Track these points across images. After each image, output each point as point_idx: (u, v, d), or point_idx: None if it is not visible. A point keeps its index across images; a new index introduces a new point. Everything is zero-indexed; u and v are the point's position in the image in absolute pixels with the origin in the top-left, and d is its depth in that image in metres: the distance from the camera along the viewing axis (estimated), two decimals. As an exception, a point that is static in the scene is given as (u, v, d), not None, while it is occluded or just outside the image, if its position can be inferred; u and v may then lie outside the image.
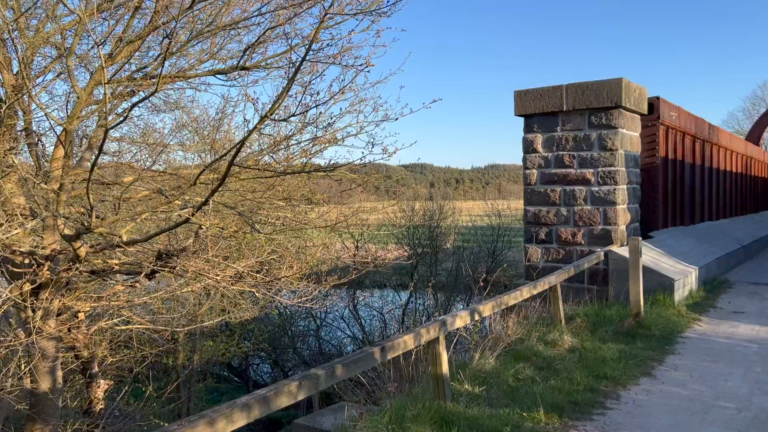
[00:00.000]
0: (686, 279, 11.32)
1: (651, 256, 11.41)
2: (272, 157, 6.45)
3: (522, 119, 12.48)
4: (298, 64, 4.13)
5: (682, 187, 15.68)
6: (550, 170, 12.08)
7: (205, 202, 4.87)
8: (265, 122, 4.97)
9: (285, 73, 6.51)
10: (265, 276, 7.64)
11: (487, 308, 7.23)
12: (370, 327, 20.13)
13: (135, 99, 7.16)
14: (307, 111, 4.97)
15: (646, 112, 12.64)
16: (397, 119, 6.57)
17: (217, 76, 7.53)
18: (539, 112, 12.07)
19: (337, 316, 20.84)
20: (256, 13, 6.17)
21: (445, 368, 6.00)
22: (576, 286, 11.35)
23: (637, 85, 11.97)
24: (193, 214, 4.99)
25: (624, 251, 10.46)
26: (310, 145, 6.20)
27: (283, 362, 19.60)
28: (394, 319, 19.90)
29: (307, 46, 4.47)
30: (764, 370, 7.30)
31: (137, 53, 7.60)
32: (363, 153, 6.10)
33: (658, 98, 12.99)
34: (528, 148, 12.35)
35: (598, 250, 11.13)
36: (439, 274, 22.43)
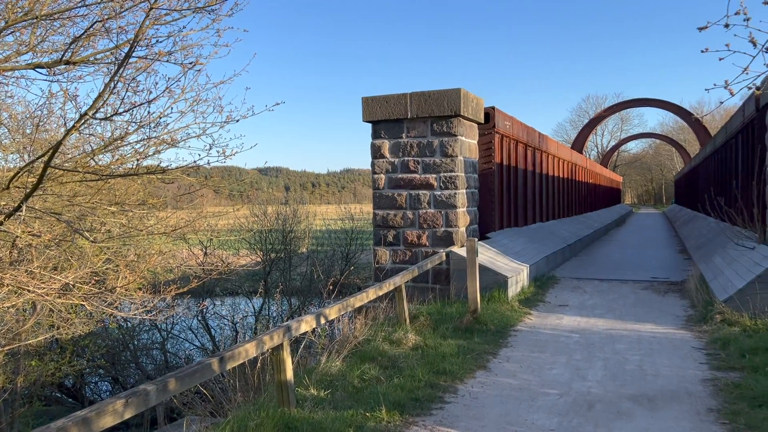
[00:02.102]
0: (519, 276, 12.23)
1: (487, 255, 12.19)
2: (95, 159, 6.00)
3: (370, 125, 12.78)
4: (122, 60, 3.87)
5: (516, 191, 16.97)
6: (397, 175, 12.48)
7: (18, 208, 4.41)
8: (89, 121, 4.61)
9: (110, 69, 6.09)
10: (97, 287, 7.08)
11: (333, 311, 7.29)
12: (221, 336, 19.44)
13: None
14: (132, 109, 4.68)
15: (483, 121, 13.51)
16: (238, 120, 6.43)
17: (38, 70, 6.85)
18: (386, 118, 12.42)
19: (184, 327, 19.90)
20: (80, 4, 5.71)
21: (289, 374, 5.94)
22: (421, 285, 11.82)
23: (474, 95, 12.75)
24: (1, 223, 4.48)
25: (463, 251, 11.06)
26: (144, 146, 5.85)
27: (124, 378, 18.31)
28: (247, 327, 19.41)
29: (131, 42, 4.21)
30: (583, 357, 8.06)
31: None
32: (200, 155, 5.86)
33: (493, 108, 13.94)
34: (376, 153, 12.66)
35: (441, 250, 11.69)
36: (293, 279, 22.27)
